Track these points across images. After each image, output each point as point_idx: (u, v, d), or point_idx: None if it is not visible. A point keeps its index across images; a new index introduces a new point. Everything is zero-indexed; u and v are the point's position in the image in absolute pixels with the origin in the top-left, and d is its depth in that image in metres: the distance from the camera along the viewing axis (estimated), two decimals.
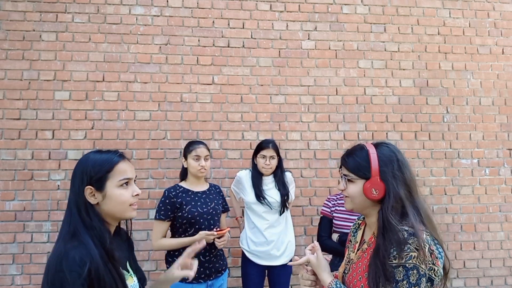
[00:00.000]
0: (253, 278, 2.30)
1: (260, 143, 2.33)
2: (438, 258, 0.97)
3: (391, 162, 1.06)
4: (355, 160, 1.10)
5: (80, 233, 0.97)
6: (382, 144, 1.11)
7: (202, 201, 2.13)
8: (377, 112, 3.03)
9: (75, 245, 0.94)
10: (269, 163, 2.27)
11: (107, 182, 1.02)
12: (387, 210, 1.01)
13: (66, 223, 1.00)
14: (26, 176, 2.67)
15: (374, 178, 1.04)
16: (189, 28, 2.90)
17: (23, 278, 2.61)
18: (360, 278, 1.05)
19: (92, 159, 1.05)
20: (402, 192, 1.03)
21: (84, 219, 0.99)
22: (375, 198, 1.05)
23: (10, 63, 2.72)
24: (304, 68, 2.98)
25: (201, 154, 2.12)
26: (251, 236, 2.30)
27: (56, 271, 0.89)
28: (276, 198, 2.27)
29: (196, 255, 2.03)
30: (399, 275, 0.94)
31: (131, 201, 1.06)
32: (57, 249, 0.94)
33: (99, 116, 2.77)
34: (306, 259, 1.16)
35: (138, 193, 1.09)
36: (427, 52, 3.11)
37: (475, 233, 3.02)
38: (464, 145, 3.08)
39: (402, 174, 1.05)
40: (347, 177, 1.11)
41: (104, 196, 1.02)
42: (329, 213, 2.23)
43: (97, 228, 0.99)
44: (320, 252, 1.18)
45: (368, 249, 1.09)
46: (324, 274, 1.13)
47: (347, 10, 3.07)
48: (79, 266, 0.89)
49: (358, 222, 1.28)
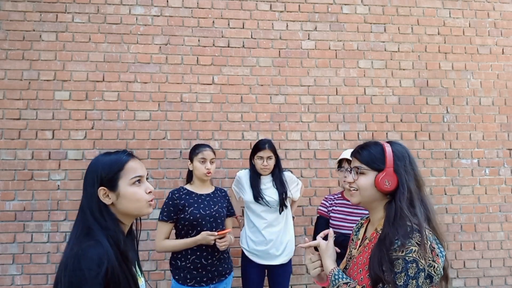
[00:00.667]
0: (253, 277, 2.30)
1: (256, 144, 2.33)
2: (438, 256, 0.98)
3: (404, 157, 1.11)
4: (370, 153, 1.13)
5: (95, 232, 0.97)
6: (394, 142, 1.16)
7: (206, 203, 2.12)
8: (377, 112, 3.03)
9: (92, 244, 0.94)
10: (267, 163, 2.27)
11: (119, 182, 1.04)
12: (402, 200, 1.04)
13: (79, 224, 1.01)
14: (26, 176, 2.67)
15: (388, 170, 1.08)
16: (189, 28, 2.90)
17: (23, 278, 2.61)
18: (361, 271, 1.07)
19: (102, 161, 1.06)
20: (412, 186, 1.07)
21: (98, 220, 0.99)
22: (387, 189, 1.07)
23: (10, 63, 2.72)
24: (304, 68, 2.98)
25: (207, 157, 2.12)
26: (250, 236, 2.30)
27: (74, 270, 0.89)
28: (274, 197, 2.27)
29: (198, 258, 2.04)
30: (398, 267, 0.96)
31: (146, 198, 1.07)
32: (73, 248, 0.95)
33: (99, 116, 2.77)
34: (317, 243, 1.19)
35: (151, 190, 1.10)
36: (427, 52, 3.11)
37: (475, 233, 3.02)
38: (464, 145, 3.08)
39: (413, 169, 1.10)
40: (359, 169, 1.13)
41: (118, 195, 1.03)
42: (326, 213, 2.23)
43: (112, 229, 0.99)
44: (332, 240, 1.20)
45: (370, 243, 1.10)
46: (329, 261, 1.15)
47: (347, 10, 3.07)
48: (97, 265, 0.90)
49: (361, 222, 1.30)
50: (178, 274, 2.05)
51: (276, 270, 2.30)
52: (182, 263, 2.05)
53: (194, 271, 2.03)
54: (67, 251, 0.95)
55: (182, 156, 2.80)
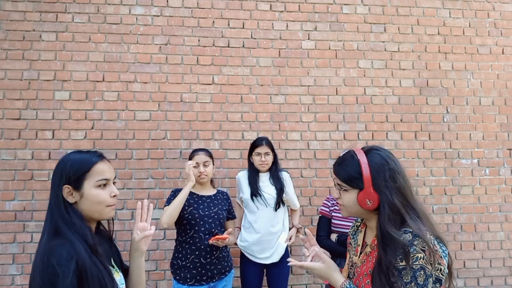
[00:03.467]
0: (251, 276, 2.30)
1: (253, 142, 2.38)
2: (442, 257, 0.97)
3: (382, 170, 1.03)
4: (346, 171, 1.07)
5: (63, 230, 0.99)
6: (373, 151, 1.08)
7: (206, 204, 2.15)
8: (377, 112, 3.03)
9: (60, 242, 0.96)
10: (265, 159, 2.31)
11: (84, 182, 1.04)
12: (384, 221, 0.99)
13: (48, 222, 1.02)
14: (26, 176, 2.67)
15: (367, 189, 1.02)
16: (189, 28, 2.90)
17: (23, 278, 2.61)
18: (368, 282, 1.04)
19: (71, 159, 1.06)
20: (396, 200, 1.01)
21: (64, 217, 1.00)
22: (370, 208, 1.04)
23: (10, 63, 2.72)
24: (304, 68, 2.98)
25: (199, 160, 2.15)
26: (247, 233, 2.31)
27: (45, 267, 0.91)
28: (272, 193, 2.30)
29: (197, 258, 2.04)
30: (407, 277, 0.94)
31: (108, 202, 1.07)
32: (43, 247, 0.96)
33: (99, 116, 2.77)
34: (310, 267, 1.14)
35: (116, 194, 1.10)
36: (427, 52, 3.11)
37: (475, 233, 3.02)
38: (464, 145, 3.08)
39: (395, 182, 1.02)
40: (340, 187, 1.10)
41: (82, 195, 1.04)
42: (327, 213, 2.24)
43: (77, 224, 1.00)
44: (325, 256, 1.16)
45: (372, 252, 1.07)
46: (336, 275, 1.11)
47: (347, 10, 3.07)
48: (67, 260, 0.91)
49: (357, 225, 1.27)
50: (178, 274, 2.07)
51: (275, 270, 2.31)
52: (182, 262, 2.07)
53: (193, 270, 2.05)
54: (39, 251, 0.97)
55: (182, 156, 2.80)
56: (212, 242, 2.01)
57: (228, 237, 2.04)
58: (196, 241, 2.06)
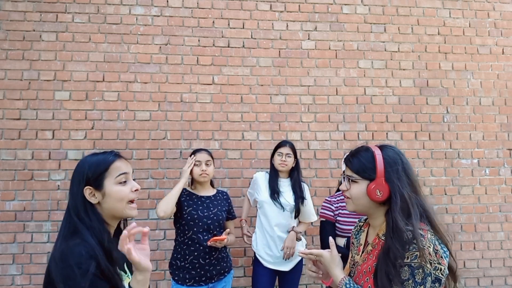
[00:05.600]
0: (263, 281, 2.27)
1: (278, 143, 2.38)
2: (443, 257, 0.97)
3: (396, 163, 1.06)
4: (360, 161, 1.10)
5: (81, 231, 0.99)
6: (386, 147, 1.12)
7: (205, 205, 2.14)
8: (377, 112, 3.03)
9: (78, 242, 0.96)
10: (285, 159, 2.29)
11: (105, 181, 1.05)
12: (396, 211, 1.01)
13: (66, 224, 1.02)
14: (26, 176, 2.67)
15: (379, 179, 1.04)
16: (189, 28, 2.90)
17: (23, 278, 2.61)
18: (367, 279, 1.05)
19: (89, 161, 1.08)
20: (406, 193, 1.03)
21: (83, 220, 1.01)
22: (379, 199, 1.05)
23: (10, 63, 2.72)
24: (304, 68, 2.98)
25: (201, 159, 2.15)
26: (261, 238, 2.29)
27: (64, 267, 0.90)
28: (289, 200, 2.27)
29: (196, 258, 2.04)
30: (405, 274, 0.95)
31: (130, 197, 1.08)
32: (60, 247, 0.96)
33: (99, 116, 2.77)
34: (319, 253, 1.15)
35: (137, 188, 1.10)
36: (427, 52, 3.11)
37: (475, 233, 3.02)
38: (464, 145, 3.08)
39: (407, 175, 1.06)
40: (350, 178, 1.11)
41: (104, 194, 1.04)
42: (332, 217, 2.13)
43: (96, 228, 1.01)
44: (335, 248, 1.17)
45: (373, 250, 1.09)
46: (337, 270, 1.12)
47: (347, 10, 3.07)
48: (86, 260, 0.92)
49: (360, 224, 1.28)
50: (177, 275, 2.06)
51: (287, 275, 2.30)
52: (181, 263, 2.06)
53: (192, 271, 2.04)
54: (55, 251, 0.97)
55: (182, 156, 2.80)
56: (210, 244, 2.00)
57: (226, 238, 2.02)
58: (195, 242, 2.06)
